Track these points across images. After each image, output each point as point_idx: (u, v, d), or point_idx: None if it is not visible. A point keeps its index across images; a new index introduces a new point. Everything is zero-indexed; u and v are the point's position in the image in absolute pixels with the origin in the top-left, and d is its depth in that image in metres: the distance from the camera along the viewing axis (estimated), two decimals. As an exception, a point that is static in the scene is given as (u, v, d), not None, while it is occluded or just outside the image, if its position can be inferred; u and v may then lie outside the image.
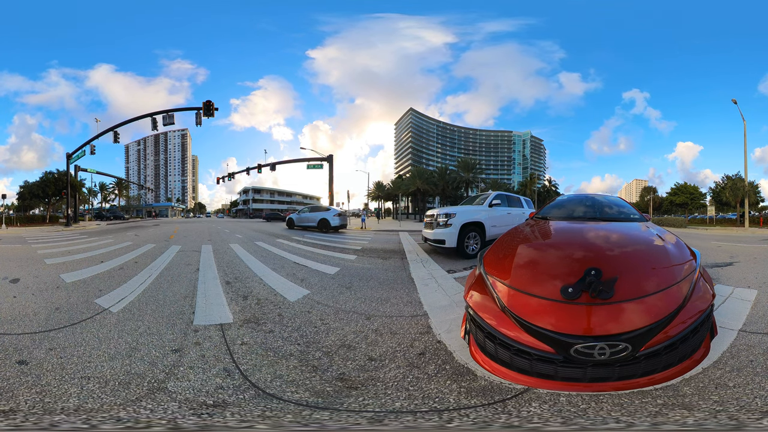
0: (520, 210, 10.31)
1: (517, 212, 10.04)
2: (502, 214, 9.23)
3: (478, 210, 8.73)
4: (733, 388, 2.11)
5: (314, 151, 43.87)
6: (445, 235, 7.96)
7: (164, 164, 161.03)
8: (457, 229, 7.93)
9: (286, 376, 2.39)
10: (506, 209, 9.62)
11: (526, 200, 11.35)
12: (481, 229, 8.40)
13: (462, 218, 8.09)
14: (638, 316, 2.10)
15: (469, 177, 71.49)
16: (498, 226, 8.84)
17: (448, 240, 7.90)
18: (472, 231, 8.17)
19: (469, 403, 2.05)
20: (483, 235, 8.42)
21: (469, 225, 8.14)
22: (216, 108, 25.19)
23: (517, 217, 9.73)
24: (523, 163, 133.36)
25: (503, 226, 8.92)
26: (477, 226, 8.34)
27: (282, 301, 4.28)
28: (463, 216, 8.16)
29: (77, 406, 1.99)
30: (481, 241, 8.33)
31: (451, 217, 8.08)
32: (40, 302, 4.17)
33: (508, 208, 9.77)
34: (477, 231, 8.29)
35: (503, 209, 9.41)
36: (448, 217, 8.07)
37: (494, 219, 8.84)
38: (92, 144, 30.53)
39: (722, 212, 48.50)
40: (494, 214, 8.88)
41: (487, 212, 8.69)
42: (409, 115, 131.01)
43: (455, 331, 3.13)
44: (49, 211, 44.08)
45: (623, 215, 4.26)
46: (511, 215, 9.68)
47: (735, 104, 29.53)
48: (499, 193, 9.73)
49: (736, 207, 41.13)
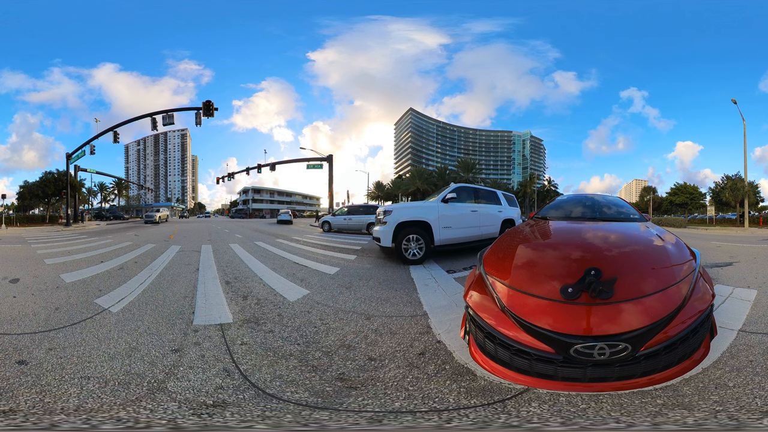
0: (494, 208, 8.78)
1: (489, 210, 8.50)
2: (462, 212, 7.57)
3: (425, 206, 7.25)
4: (732, 388, 2.11)
5: (314, 151, 43.91)
6: (380, 233, 7.05)
7: (164, 164, 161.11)
8: (392, 227, 6.87)
9: (285, 376, 2.39)
10: (470, 206, 7.91)
11: (506, 196, 9.82)
12: (426, 229, 6.96)
13: (398, 216, 6.95)
14: (638, 317, 2.10)
15: (468, 177, 71.60)
16: (455, 227, 7.30)
17: (382, 239, 6.98)
18: (413, 232, 6.85)
19: (469, 403, 2.05)
20: (430, 237, 6.93)
21: (408, 224, 6.92)
22: (216, 108, 25.18)
23: (487, 217, 8.32)
24: (523, 163, 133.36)
25: (465, 227, 7.56)
26: (420, 226, 6.95)
27: (282, 301, 4.28)
28: (400, 213, 7.00)
29: (77, 406, 1.99)
30: (426, 244, 6.84)
31: (388, 214, 7.04)
32: (40, 302, 4.17)
33: (474, 204, 8.09)
34: (420, 232, 6.88)
35: (465, 206, 7.73)
36: (385, 214, 7.09)
37: (449, 218, 7.21)
38: (92, 144, 30.52)
39: (722, 212, 48.50)
40: (450, 212, 7.27)
41: (437, 209, 7.13)
42: (409, 115, 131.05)
43: (455, 331, 3.13)
44: (48, 211, 44.06)
45: (623, 215, 4.26)
46: (478, 214, 8.02)
47: (735, 104, 29.55)
48: (459, 186, 7.91)
49: (735, 207, 41.12)
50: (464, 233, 7.65)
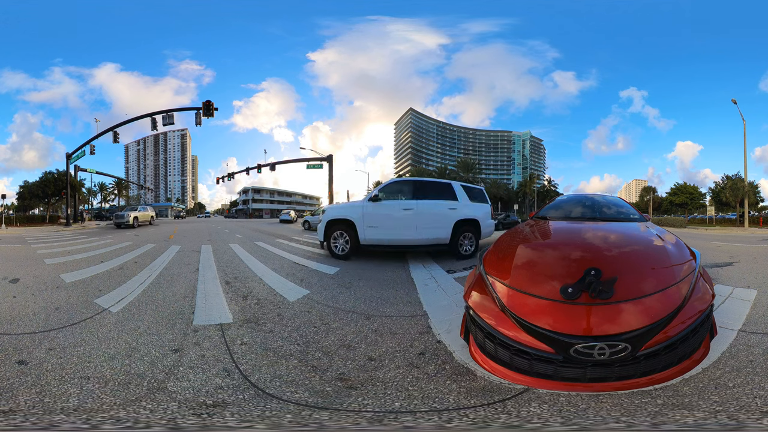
0: (441, 205, 7.61)
1: (431, 209, 7.50)
2: (390, 212, 7.35)
3: (352, 206, 7.76)
4: (732, 388, 2.11)
5: (314, 151, 43.89)
6: (318, 229, 7.95)
7: (164, 164, 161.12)
8: (324, 224, 7.66)
9: (285, 376, 2.39)
10: (404, 204, 7.45)
11: (468, 189, 8.29)
12: (352, 228, 7.33)
13: (329, 214, 7.73)
14: (638, 317, 2.10)
15: (468, 177, 71.58)
16: (383, 227, 7.24)
17: (318, 233, 7.93)
18: (341, 229, 7.43)
19: (469, 403, 2.05)
20: (354, 235, 7.28)
21: (336, 221, 7.53)
22: (216, 108, 25.17)
23: (429, 217, 7.41)
24: (523, 163, 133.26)
25: (395, 228, 7.27)
26: (347, 224, 7.39)
27: (282, 301, 4.28)
28: (331, 212, 7.81)
29: (77, 406, 1.99)
30: (352, 242, 7.27)
31: (323, 212, 8.09)
32: (40, 302, 4.17)
33: (410, 202, 7.47)
34: (347, 230, 7.35)
35: (396, 204, 7.46)
36: (323, 213, 8.14)
37: (375, 217, 7.25)
38: (92, 144, 30.50)
39: (722, 212, 48.49)
40: (376, 211, 7.31)
41: (362, 208, 7.34)
42: (409, 115, 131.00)
43: (455, 331, 3.13)
44: (48, 211, 44.07)
45: (623, 215, 4.26)
46: (414, 213, 7.33)
47: (735, 104, 29.55)
48: (391, 182, 7.99)
49: (735, 207, 41.11)
50: (394, 235, 7.25)
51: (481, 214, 8.21)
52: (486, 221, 8.34)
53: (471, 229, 7.89)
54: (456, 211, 7.71)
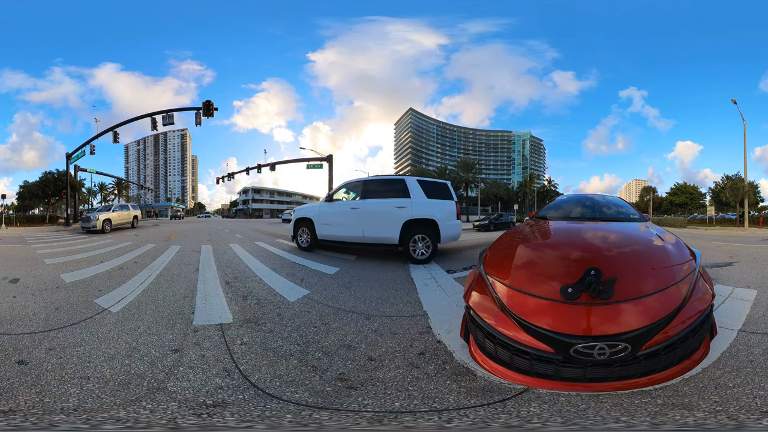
0: (388, 204, 7.31)
1: (376, 208, 7.43)
2: (340, 210, 8.04)
3: (312, 206, 9.02)
4: (732, 388, 2.11)
5: (314, 151, 43.91)
6: (290, 226, 9.34)
7: (164, 164, 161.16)
8: (293, 222, 9.03)
9: (285, 376, 2.39)
10: (351, 203, 7.98)
11: (422, 184, 7.48)
12: (311, 225, 8.53)
13: (297, 213, 9.02)
14: (638, 317, 2.10)
15: (468, 177, 71.47)
16: (334, 224, 8.09)
17: (290, 231, 9.32)
18: (304, 226, 8.70)
19: (469, 403, 2.05)
20: (312, 231, 8.53)
21: (301, 220, 8.81)
22: (216, 108, 25.18)
23: (374, 216, 7.38)
24: (523, 163, 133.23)
25: (343, 225, 7.92)
26: (307, 222, 8.65)
27: (282, 301, 4.28)
28: (297, 211, 9.09)
29: (77, 406, 1.99)
30: (311, 237, 8.54)
31: (294, 212, 9.29)
32: (40, 302, 4.17)
33: (357, 201, 7.87)
34: (308, 227, 8.60)
35: (345, 203, 8.12)
36: (295, 212, 9.20)
37: (327, 216, 8.20)
38: (92, 144, 30.51)
39: (722, 212, 48.51)
40: (329, 210, 8.24)
41: (318, 208, 8.61)
42: (409, 115, 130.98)
43: (455, 331, 3.13)
44: (48, 211, 44.08)
45: (623, 215, 4.26)
46: (360, 212, 7.62)
47: (735, 104, 29.55)
48: (347, 183, 8.57)
49: (735, 207, 41.14)
50: (343, 231, 7.99)
51: (441, 214, 7.23)
52: (447, 221, 7.29)
53: (426, 230, 7.04)
54: (404, 209, 7.11)
